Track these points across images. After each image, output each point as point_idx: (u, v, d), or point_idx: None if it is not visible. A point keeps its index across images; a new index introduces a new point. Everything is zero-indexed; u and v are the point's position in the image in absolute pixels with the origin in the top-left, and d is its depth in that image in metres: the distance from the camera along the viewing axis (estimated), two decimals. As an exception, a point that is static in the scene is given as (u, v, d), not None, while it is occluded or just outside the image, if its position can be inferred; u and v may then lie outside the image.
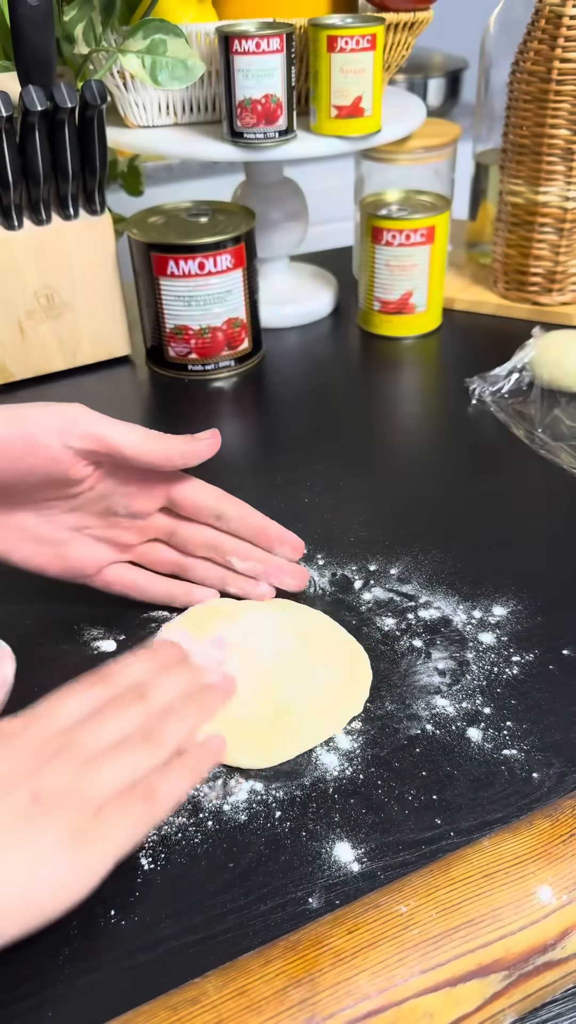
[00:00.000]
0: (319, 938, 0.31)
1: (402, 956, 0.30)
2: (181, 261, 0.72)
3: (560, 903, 0.32)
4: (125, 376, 0.80)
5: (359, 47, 0.71)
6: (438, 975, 0.30)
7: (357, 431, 0.71)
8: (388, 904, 0.32)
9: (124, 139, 0.78)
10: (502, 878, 0.33)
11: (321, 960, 0.30)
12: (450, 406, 0.73)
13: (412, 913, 0.32)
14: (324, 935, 0.31)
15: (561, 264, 0.82)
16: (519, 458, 0.66)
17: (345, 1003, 0.29)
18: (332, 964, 0.30)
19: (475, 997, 0.31)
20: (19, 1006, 0.34)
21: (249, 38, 0.69)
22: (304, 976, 0.30)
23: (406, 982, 0.30)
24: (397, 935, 0.31)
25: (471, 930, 0.31)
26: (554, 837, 0.34)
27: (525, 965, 0.31)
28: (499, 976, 0.31)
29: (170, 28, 0.69)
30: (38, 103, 0.66)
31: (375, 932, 0.31)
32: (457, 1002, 0.30)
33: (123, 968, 0.35)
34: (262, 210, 0.81)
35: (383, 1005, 0.29)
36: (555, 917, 0.32)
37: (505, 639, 0.50)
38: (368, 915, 0.32)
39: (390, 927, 0.31)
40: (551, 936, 0.32)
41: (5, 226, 0.71)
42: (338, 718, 0.45)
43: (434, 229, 0.78)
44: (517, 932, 0.32)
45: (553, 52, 0.73)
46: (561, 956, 0.32)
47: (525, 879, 0.33)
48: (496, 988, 0.31)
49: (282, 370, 0.80)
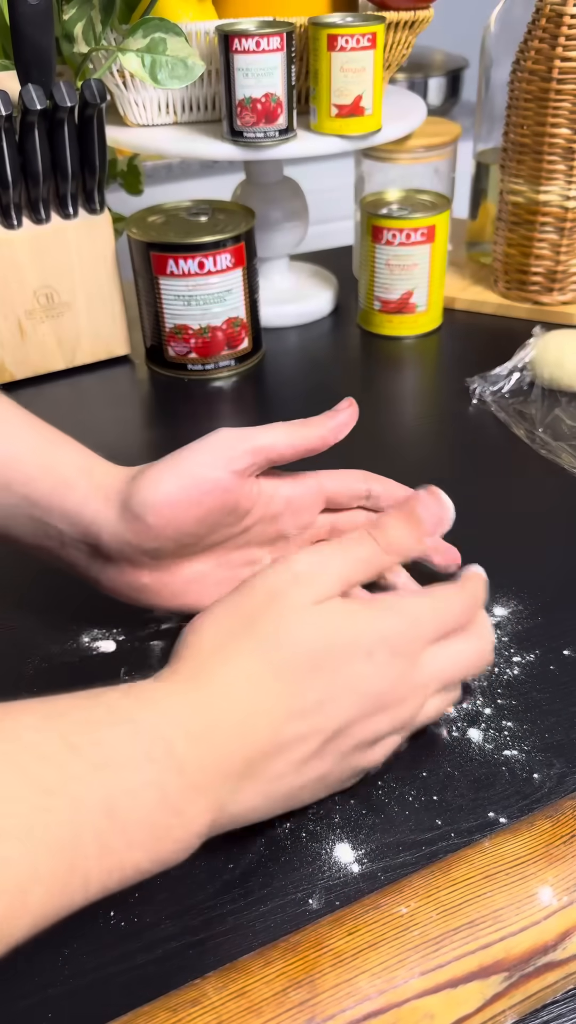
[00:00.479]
0: (319, 939, 0.31)
1: (402, 957, 0.30)
2: (181, 260, 0.72)
3: (561, 904, 0.32)
4: (125, 376, 0.80)
5: (359, 46, 0.71)
6: (438, 976, 0.30)
7: (357, 431, 0.71)
8: (388, 905, 0.32)
9: (124, 138, 0.77)
10: (503, 879, 0.33)
11: (321, 961, 0.30)
12: (450, 406, 0.73)
13: (413, 914, 0.32)
14: (324, 936, 0.31)
15: (562, 263, 0.82)
16: (520, 458, 0.66)
17: (345, 1004, 0.29)
18: (332, 965, 0.30)
19: (476, 998, 0.30)
20: (19, 1006, 0.34)
21: (249, 37, 0.68)
22: (304, 977, 0.30)
23: (406, 983, 0.30)
24: (398, 936, 0.31)
25: (472, 931, 0.31)
26: (555, 838, 0.34)
27: (526, 966, 0.31)
28: (500, 977, 0.31)
29: (170, 27, 0.69)
30: (37, 102, 0.66)
31: (375, 933, 0.31)
32: (458, 1003, 0.30)
33: (123, 969, 0.35)
34: (262, 209, 0.81)
35: (383, 1006, 0.29)
36: (556, 918, 0.32)
37: (506, 639, 0.50)
38: (368, 916, 0.32)
39: (390, 928, 0.31)
40: (552, 937, 0.32)
41: (4, 225, 0.71)
42: None
43: (434, 228, 0.78)
44: (518, 933, 0.31)
45: (554, 51, 0.73)
46: (562, 957, 0.32)
47: (526, 880, 0.33)
48: (497, 989, 0.31)
49: (282, 370, 0.80)
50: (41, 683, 0.48)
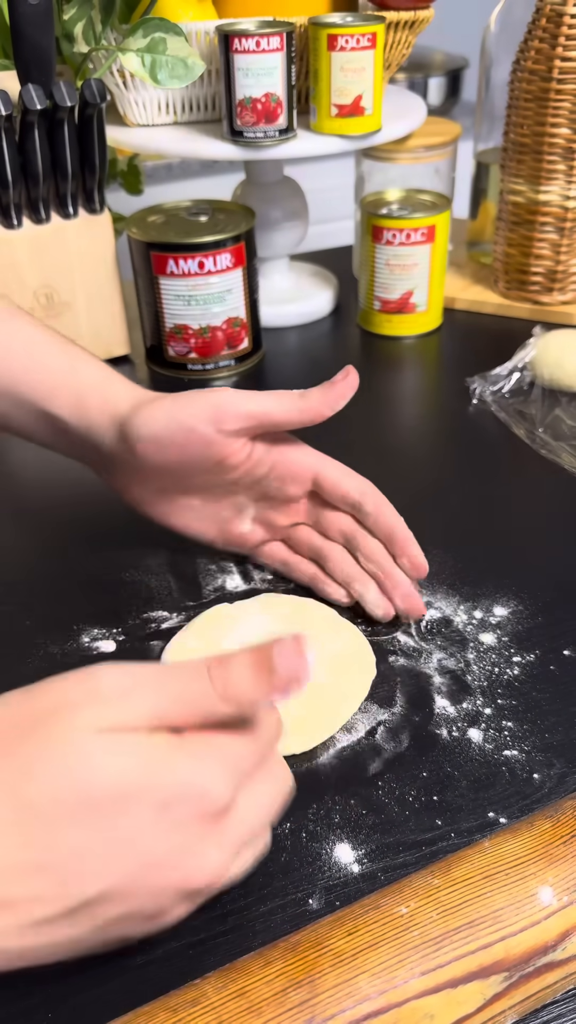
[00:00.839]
0: (319, 939, 0.31)
1: (402, 957, 0.30)
2: (181, 260, 0.72)
3: (561, 904, 0.32)
4: (125, 375, 0.80)
5: (359, 46, 0.71)
6: (439, 976, 0.30)
7: (357, 431, 0.71)
8: (388, 905, 0.32)
9: (124, 138, 0.77)
10: (503, 879, 0.33)
11: (321, 961, 0.30)
12: (450, 406, 0.73)
13: (412, 914, 0.32)
14: (324, 936, 0.31)
15: (562, 263, 0.82)
16: (520, 458, 0.66)
17: (345, 1004, 0.29)
18: (332, 965, 0.30)
19: (476, 998, 0.30)
20: (19, 1006, 0.34)
21: (249, 37, 0.68)
22: (304, 977, 0.30)
23: (406, 983, 0.30)
24: (397, 936, 0.31)
25: (472, 931, 0.31)
26: (555, 838, 0.34)
27: (526, 966, 0.31)
28: (500, 977, 0.31)
29: (170, 27, 0.69)
30: (38, 102, 0.66)
31: (375, 933, 0.31)
32: (458, 1003, 0.30)
33: (122, 969, 0.35)
34: (262, 209, 0.81)
35: (383, 1006, 0.29)
36: (556, 918, 0.32)
37: (506, 639, 0.50)
38: (368, 916, 0.32)
39: (390, 928, 0.31)
40: (552, 937, 0.32)
41: (5, 225, 0.71)
42: (351, 700, 0.46)
43: (434, 228, 0.78)
44: (518, 933, 0.31)
45: (554, 51, 0.73)
46: (562, 957, 0.32)
47: (526, 880, 0.33)
48: (497, 989, 0.31)
49: (282, 370, 0.80)
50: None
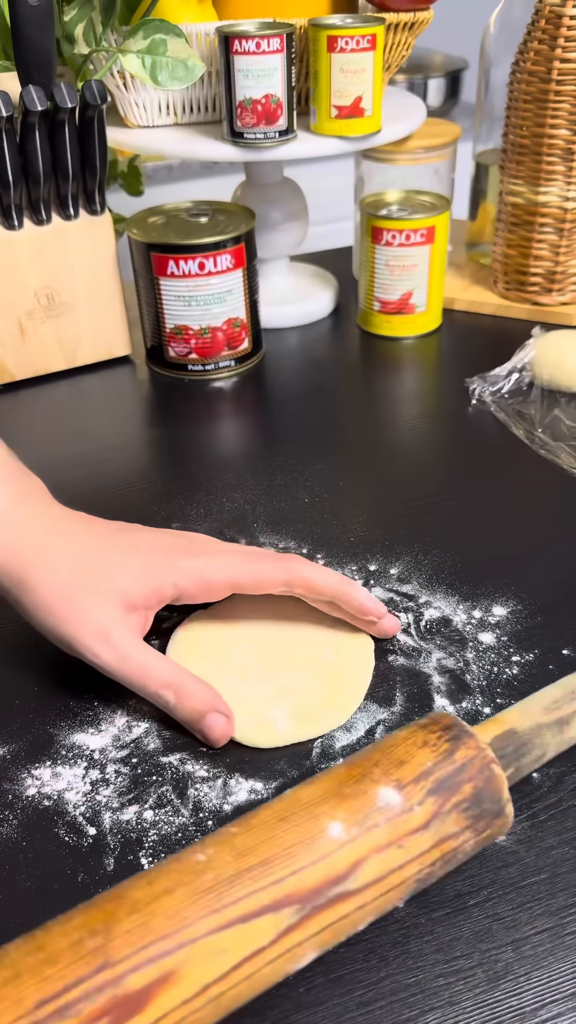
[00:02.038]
0: (120, 893, 0.32)
1: (196, 899, 0.31)
2: (181, 261, 0.72)
3: (351, 836, 0.33)
4: (125, 376, 0.80)
5: (359, 47, 0.71)
6: (231, 912, 0.31)
7: (357, 431, 0.71)
8: (187, 855, 0.33)
9: (124, 139, 0.78)
10: (296, 820, 0.34)
11: (119, 912, 0.31)
12: (450, 406, 0.73)
13: (209, 860, 0.32)
14: (125, 890, 0.32)
15: (561, 264, 0.82)
16: (519, 458, 0.66)
17: (138, 945, 0.30)
18: (127, 913, 0.31)
19: (268, 932, 0.31)
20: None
21: (249, 38, 0.69)
22: (101, 927, 0.30)
23: (200, 921, 0.31)
24: (192, 880, 0.32)
25: (264, 868, 0.32)
26: (348, 778, 0.35)
27: (318, 897, 0.32)
28: (292, 910, 0.32)
29: (170, 28, 0.69)
30: (38, 103, 0.66)
31: (172, 880, 0.32)
32: (250, 937, 0.31)
33: None
34: (262, 210, 0.81)
35: (176, 945, 0.30)
36: (346, 850, 0.33)
37: (505, 639, 0.50)
38: (168, 866, 0.33)
39: (187, 875, 0.32)
40: (342, 868, 0.33)
41: (5, 226, 0.71)
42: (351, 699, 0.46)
43: (434, 229, 0.78)
44: (308, 867, 0.32)
45: (553, 52, 0.73)
46: (355, 887, 0.33)
47: (318, 819, 0.34)
48: (290, 921, 0.32)
49: (282, 370, 0.80)
50: (41, 683, 0.48)
